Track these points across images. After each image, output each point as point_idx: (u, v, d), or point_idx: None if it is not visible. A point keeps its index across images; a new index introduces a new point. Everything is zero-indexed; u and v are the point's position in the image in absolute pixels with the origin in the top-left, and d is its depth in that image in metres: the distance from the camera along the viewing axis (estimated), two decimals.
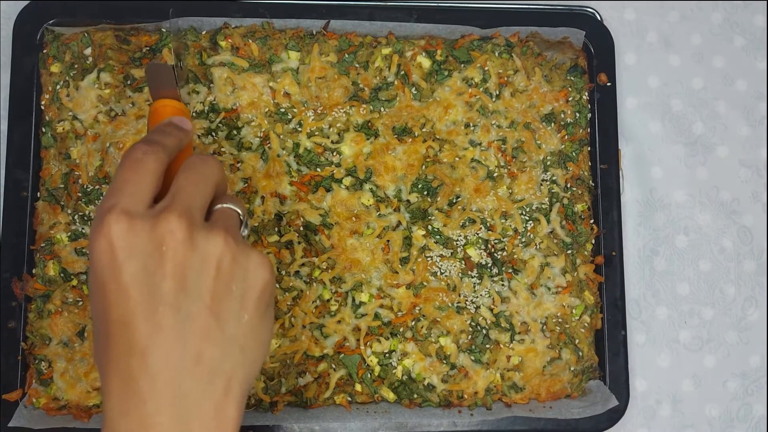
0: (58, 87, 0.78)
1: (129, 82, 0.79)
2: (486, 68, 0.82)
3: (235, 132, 0.79)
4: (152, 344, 0.49)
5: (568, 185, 0.82)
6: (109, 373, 0.50)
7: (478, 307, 0.79)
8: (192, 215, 0.52)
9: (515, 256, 0.80)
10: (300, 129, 0.80)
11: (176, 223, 0.51)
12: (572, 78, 0.83)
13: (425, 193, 0.80)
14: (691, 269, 0.87)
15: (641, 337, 0.85)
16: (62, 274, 0.76)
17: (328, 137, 0.80)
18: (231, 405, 0.52)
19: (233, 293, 0.52)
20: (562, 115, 0.83)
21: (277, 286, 0.77)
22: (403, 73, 0.81)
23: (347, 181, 0.79)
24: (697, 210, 0.88)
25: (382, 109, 0.81)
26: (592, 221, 0.82)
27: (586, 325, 0.80)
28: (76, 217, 0.76)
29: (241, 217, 0.58)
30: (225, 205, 0.57)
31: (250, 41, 0.80)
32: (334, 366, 0.77)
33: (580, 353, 0.80)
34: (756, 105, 0.89)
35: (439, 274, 0.79)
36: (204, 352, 0.51)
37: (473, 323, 0.79)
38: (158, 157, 0.55)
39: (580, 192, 0.82)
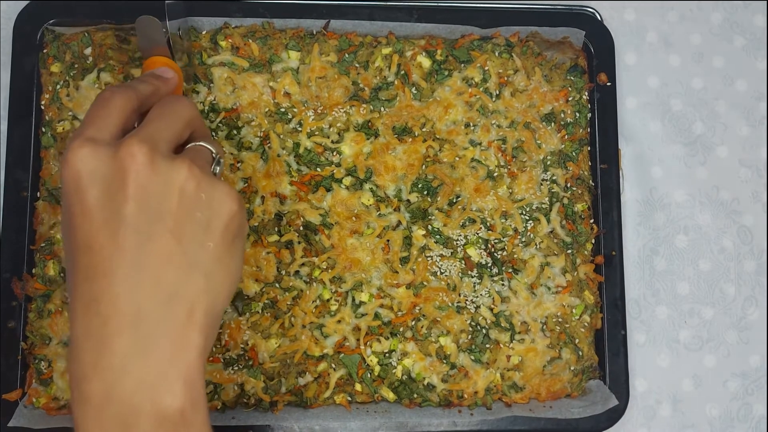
0: (58, 87, 0.78)
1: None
2: (486, 68, 0.82)
3: (235, 132, 0.79)
4: (113, 265, 0.50)
5: (568, 185, 0.82)
6: (74, 297, 0.52)
7: (478, 307, 0.79)
8: (155, 143, 0.53)
9: (515, 256, 0.80)
10: (300, 129, 0.80)
11: (137, 147, 0.51)
12: (572, 78, 0.83)
13: (425, 192, 0.80)
14: (691, 269, 0.87)
15: (641, 336, 0.85)
16: (62, 274, 0.76)
17: (328, 137, 0.80)
18: (194, 331, 0.52)
19: (197, 219, 0.53)
20: (562, 115, 0.83)
21: (277, 285, 0.77)
22: (403, 72, 0.81)
23: (347, 180, 0.79)
24: (697, 210, 0.88)
25: (382, 108, 0.81)
26: (592, 221, 0.82)
27: (586, 324, 0.80)
28: None
29: (214, 155, 0.59)
30: (197, 143, 0.58)
31: (251, 41, 0.80)
32: (334, 366, 0.77)
33: (580, 353, 0.80)
34: (756, 105, 0.89)
35: (439, 273, 0.79)
36: (164, 275, 0.51)
37: (473, 323, 0.79)
38: (126, 96, 0.57)
39: (580, 192, 0.82)
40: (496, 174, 0.81)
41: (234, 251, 0.56)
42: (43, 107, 0.78)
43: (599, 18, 0.85)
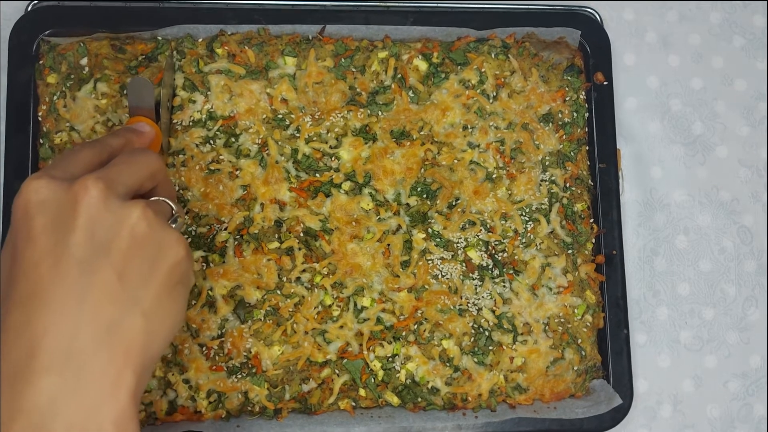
0: (54, 98, 0.78)
1: (125, 92, 0.78)
2: (483, 70, 0.82)
3: (233, 139, 0.79)
4: (51, 294, 0.49)
5: (567, 185, 0.82)
6: (4, 327, 0.50)
7: (480, 309, 0.79)
8: (112, 183, 0.53)
9: (516, 257, 0.80)
10: (298, 135, 0.79)
11: (92, 182, 0.51)
12: (569, 78, 0.83)
13: (424, 196, 0.80)
14: (691, 269, 0.87)
15: (642, 337, 0.86)
16: None
17: (327, 142, 0.80)
18: (128, 370, 0.50)
19: (142, 259, 0.52)
20: (560, 115, 0.82)
21: (279, 292, 0.77)
22: (399, 76, 0.81)
23: (346, 185, 0.79)
24: (697, 210, 0.88)
25: (379, 112, 0.81)
26: (591, 220, 0.82)
27: (588, 324, 0.80)
28: None
29: (174, 213, 0.59)
30: (160, 198, 0.58)
31: (247, 48, 0.80)
32: (337, 371, 0.77)
33: (583, 353, 0.80)
34: (756, 105, 0.89)
35: (440, 276, 0.79)
36: (103, 309, 0.50)
37: (475, 325, 0.79)
38: (96, 149, 0.57)
39: (579, 191, 0.82)
40: (494, 176, 0.81)
41: (176, 296, 0.55)
42: (40, 119, 0.78)
43: (596, 18, 0.85)
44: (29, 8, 0.80)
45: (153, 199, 0.58)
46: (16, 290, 0.50)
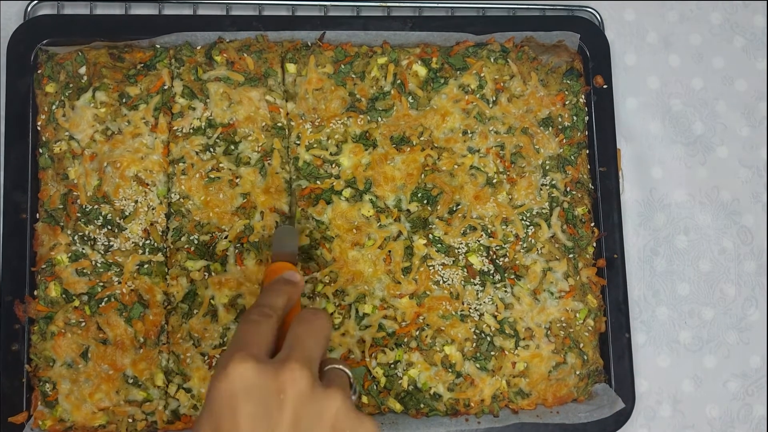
0: (53, 107, 0.78)
1: (124, 100, 0.78)
2: (482, 74, 0.82)
3: (232, 147, 0.78)
4: None
5: (568, 189, 0.82)
6: None
7: (481, 315, 0.79)
8: (312, 368, 0.53)
9: (517, 262, 0.80)
10: (298, 142, 0.79)
11: (299, 372, 0.51)
12: (568, 81, 0.83)
13: (425, 201, 0.80)
14: (691, 269, 0.87)
15: (642, 337, 0.86)
16: (64, 295, 0.76)
17: (327, 149, 0.80)
18: None
19: None
20: (560, 119, 0.82)
21: None
22: (399, 82, 0.81)
23: (347, 192, 0.79)
24: (697, 210, 0.88)
25: (379, 119, 0.80)
26: (592, 224, 0.82)
27: (590, 328, 0.80)
28: (75, 237, 0.76)
29: (351, 381, 0.58)
30: (337, 366, 0.58)
31: (246, 55, 0.80)
32: None
33: (585, 357, 0.80)
34: (756, 105, 0.90)
35: (441, 282, 0.79)
36: None
37: (477, 331, 0.79)
38: (273, 321, 0.57)
39: (579, 195, 0.82)
40: (495, 180, 0.81)
41: None
42: (39, 128, 0.78)
43: (596, 21, 0.85)
44: (28, 9, 0.81)
45: (331, 368, 0.57)
46: None
